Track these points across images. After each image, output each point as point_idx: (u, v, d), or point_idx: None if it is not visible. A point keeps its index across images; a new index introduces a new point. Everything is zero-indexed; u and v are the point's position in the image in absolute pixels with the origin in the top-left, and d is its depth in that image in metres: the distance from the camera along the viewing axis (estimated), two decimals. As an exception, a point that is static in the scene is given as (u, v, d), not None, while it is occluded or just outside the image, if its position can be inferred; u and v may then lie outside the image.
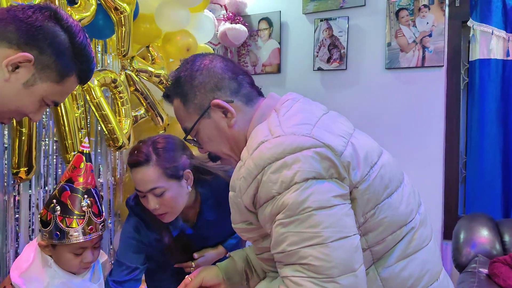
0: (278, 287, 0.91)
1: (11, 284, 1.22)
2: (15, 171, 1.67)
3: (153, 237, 1.53)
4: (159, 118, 2.23)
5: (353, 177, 0.91)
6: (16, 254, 1.83)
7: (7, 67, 0.92)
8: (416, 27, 2.73)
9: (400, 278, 0.95)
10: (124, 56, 2.03)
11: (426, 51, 2.70)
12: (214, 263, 1.54)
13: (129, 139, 2.04)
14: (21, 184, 1.83)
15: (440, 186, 2.73)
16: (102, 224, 1.24)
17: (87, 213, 1.21)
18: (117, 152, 2.35)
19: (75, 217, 1.18)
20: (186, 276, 1.23)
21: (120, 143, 1.97)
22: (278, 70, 3.16)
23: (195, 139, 1.07)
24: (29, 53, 0.93)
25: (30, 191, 1.88)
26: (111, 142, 1.98)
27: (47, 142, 1.94)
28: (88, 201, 1.21)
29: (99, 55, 2.19)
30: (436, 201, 2.72)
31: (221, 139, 1.05)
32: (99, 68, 2.12)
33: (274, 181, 0.88)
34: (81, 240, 1.19)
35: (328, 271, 0.85)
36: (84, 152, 1.23)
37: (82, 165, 1.22)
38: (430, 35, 2.69)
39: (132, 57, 2.12)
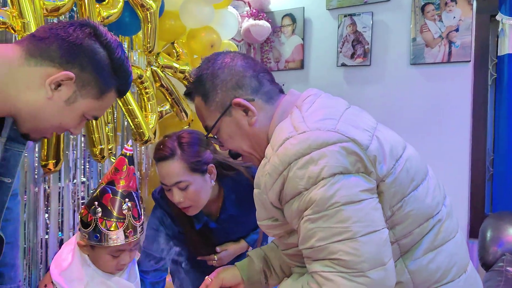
0: (307, 283, 0.92)
1: (52, 282, 1.25)
2: (44, 163, 1.72)
3: (177, 229, 1.56)
4: (183, 113, 2.26)
5: (379, 170, 0.91)
6: (46, 245, 1.89)
7: (50, 86, 0.94)
8: (442, 21, 2.68)
9: (428, 271, 0.95)
10: (150, 52, 2.06)
11: (452, 46, 2.66)
12: (234, 260, 1.56)
13: (155, 133, 2.08)
14: (51, 177, 1.88)
15: (466, 184, 2.69)
16: (141, 227, 1.26)
17: (127, 216, 1.22)
18: (143, 147, 2.39)
19: (115, 220, 1.20)
20: (206, 277, 1.25)
21: (146, 138, 2.01)
22: (301, 66, 3.16)
23: (215, 136, 1.08)
24: (70, 71, 0.95)
25: (59, 183, 1.94)
26: (137, 136, 2.02)
27: (75, 136, 1.99)
28: (129, 204, 1.22)
29: (125, 51, 2.24)
30: (462, 199, 2.67)
31: (241, 137, 1.05)
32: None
33: (301, 177, 0.88)
34: (120, 243, 1.21)
35: (358, 266, 0.85)
36: (127, 155, 1.24)
37: (125, 168, 1.23)
38: (457, 30, 2.64)
39: (158, 54, 2.16)
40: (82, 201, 2.06)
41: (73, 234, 2.02)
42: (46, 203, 1.89)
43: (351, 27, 2.95)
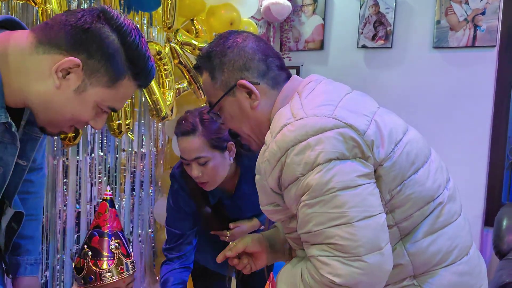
0: (305, 267, 0.93)
1: None
2: (63, 136, 1.75)
3: (193, 205, 1.59)
4: (201, 91, 2.26)
5: (377, 155, 0.91)
6: (65, 216, 1.93)
7: (57, 74, 0.90)
8: (468, 4, 2.60)
9: (428, 253, 0.96)
10: (169, 28, 2.05)
11: (477, 30, 2.58)
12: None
13: (172, 110, 2.08)
14: (69, 150, 1.92)
15: (484, 172, 2.65)
16: (132, 264, 1.30)
17: (116, 254, 1.26)
18: (160, 123, 2.41)
19: (105, 258, 1.24)
20: (231, 242, 1.27)
21: (163, 114, 2.02)
22: (321, 46, 3.11)
23: (218, 113, 1.09)
24: (76, 58, 0.89)
25: (78, 157, 1.97)
26: (154, 112, 2.03)
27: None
28: (116, 243, 1.27)
29: (144, 27, 2.23)
30: (478, 187, 2.64)
31: (242, 119, 1.06)
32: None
33: (298, 163, 0.89)
34: (114, 280, 1.25)
35: (354, 250, 0.86)
36: (107, 199, 1.28)
37: (107, 211, 1.28)
38: (483, 13, 2.57)
39: (177, 30, 2.15)
40: (99, 174, 2.10)
41: (90, 207, 2.07)
42: (64, 175, 1.93)
43: (374, 7, 2.89)
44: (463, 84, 2.67)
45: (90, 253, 1.25)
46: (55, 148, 1.87)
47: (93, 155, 2.05)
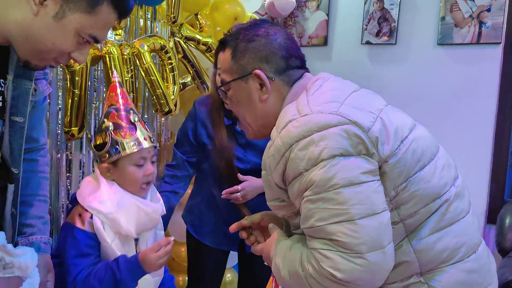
0: (306, 257, 0.93)
1: (84, 209, 1.28)
2: (67, 129, 1.75)
3: (207, 134, 1.73)
4: (204, 86, 2.26)
5: (382, 152, 0.92)
6: (68, 210, 1.93)
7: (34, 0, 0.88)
8: (473, 1, 2.59)
9: (435, 250, 0.95)
10: (173, 23, 2.05)
11: (482, 27, 2.57)
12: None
13: (175, 105, 2.08)
14: (73, 144, 1.91)
15: (487, 169, 2.64)
16: (153, 139, 1.35)
17: (137, 125, 1.30)
18: (163, 119, 2.41)
19: (127, 129, 1.28)
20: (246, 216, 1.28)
21: (167, 109, 2.02)
22: (325, 42, 3.10)
23: (226, 92, 1.10)
24: None
25: (81, 154, 1.97)
26: (158, 107, 2.02)
27: (97, 105, 2.01)
28: (135, 117, 1.31)
29: (148, 22, 2.23)
30: (481, 184, 2.63)
31: (247, 107, 1.07)
32: (149, 34, 2.16)
33: (301, 158, 0.90)
34: (140, 148, 1.28)
35: (356, 247, 0.86)
36: (116, 81, 1.34)
37: (118, 90, 1.32)
38: (488, 10, 2.55)
39: (181, 25, 2.14)
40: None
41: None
42: (67, 169, 1.93)
43: (378, 3, 2.87)
44: (467, 81, 2.66)
45: (110, 125, 1.28)
46: (59, 143, 1.87)
47: (96, 149, 2.04)
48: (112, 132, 1.26)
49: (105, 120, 1.29)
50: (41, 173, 1.23)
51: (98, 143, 1.29)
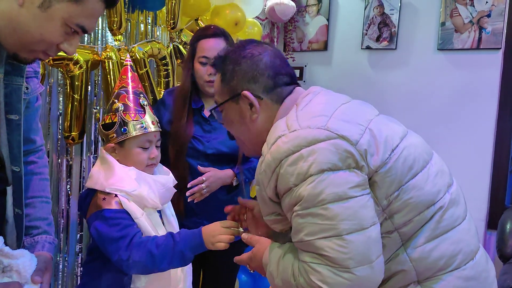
0: (297, 268, 0.95)
1: (106, 193, 1.27)
2: (66, 134, 1.75)
3: (169, 120, 1.73)
4: (204, 91, 2.26)
5: (371, 163, 0.92)
6: (68, 215, 1.93)
7: None
8: (474, 6, 2.59)
9: (431, 258, 0.95)
10: (173, 28, 2.05)
11: (483, 32, 2.57)
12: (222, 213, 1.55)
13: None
14: (73, 149, 1.91)
15: (488, 175, 2.64)
16: (159, 124, 1.37)
17: (146, 109, 1.33)
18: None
19: (136, 111, 1.31)
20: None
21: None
22: (325, 47, 3.11)
23: (221, 112, 1.13)
24: None
25: (82, 160, 1.97)
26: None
27: (97, 110, 2.01)
28: (145, 101, 1.34)
29: (149, 27, 2.23)
30: (482, 190, 2.63)
31: (240, 126, 1.10)
32: (148, 39, 2.16)
33: (291, 173, 0.91)
34: (146, 131, 1.30)
35: (344, 262, 0.87)
36: (128, 64, 1.36)
37: (130, 73, 1.35)
38: (488, 15, 2.56)
39: (181, 30, 2.15)
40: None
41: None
42: (68, 174, 1.93)
43: (378, 8, 2.88)
44: (467, 86, 2.66)
45: (121, 105, 1.31)
46: (59, 148, 1.87)
47: (96, 154, 2.04)
48: (122, 113, 1.29)
49: (116, 100, 1.32)
50: (40, 175, 1.23)
51: (107, 122, 1.31)
